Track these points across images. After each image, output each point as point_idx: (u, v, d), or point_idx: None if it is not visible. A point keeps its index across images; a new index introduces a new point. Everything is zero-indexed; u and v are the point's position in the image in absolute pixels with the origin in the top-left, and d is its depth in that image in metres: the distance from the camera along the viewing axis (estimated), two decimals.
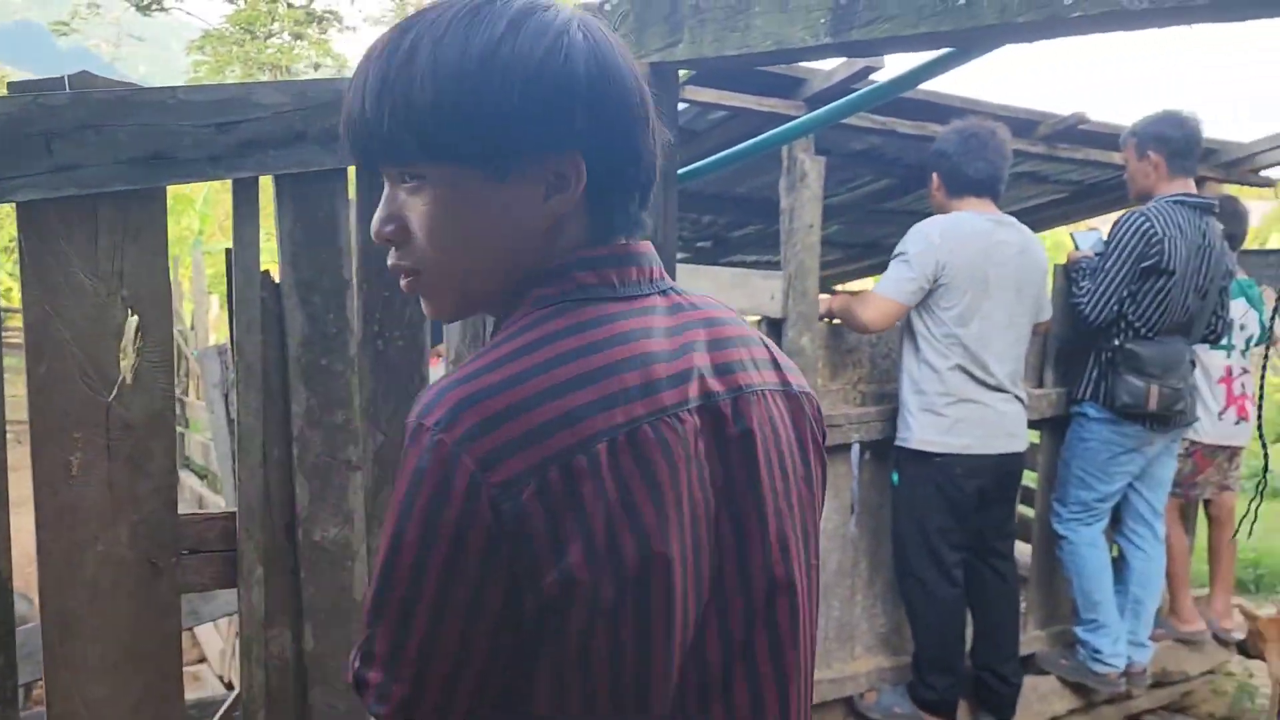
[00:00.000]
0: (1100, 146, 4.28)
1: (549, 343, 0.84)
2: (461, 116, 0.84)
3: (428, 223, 0.88)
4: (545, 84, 0.84)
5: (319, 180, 1.57)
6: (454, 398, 0.80)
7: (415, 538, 0.79)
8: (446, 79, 0.83)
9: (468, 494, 0.77)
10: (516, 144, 0.86)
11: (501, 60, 0.84)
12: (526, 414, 0.79)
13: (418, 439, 0.80)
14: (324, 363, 1.60)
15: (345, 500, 1.64)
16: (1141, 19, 1.26)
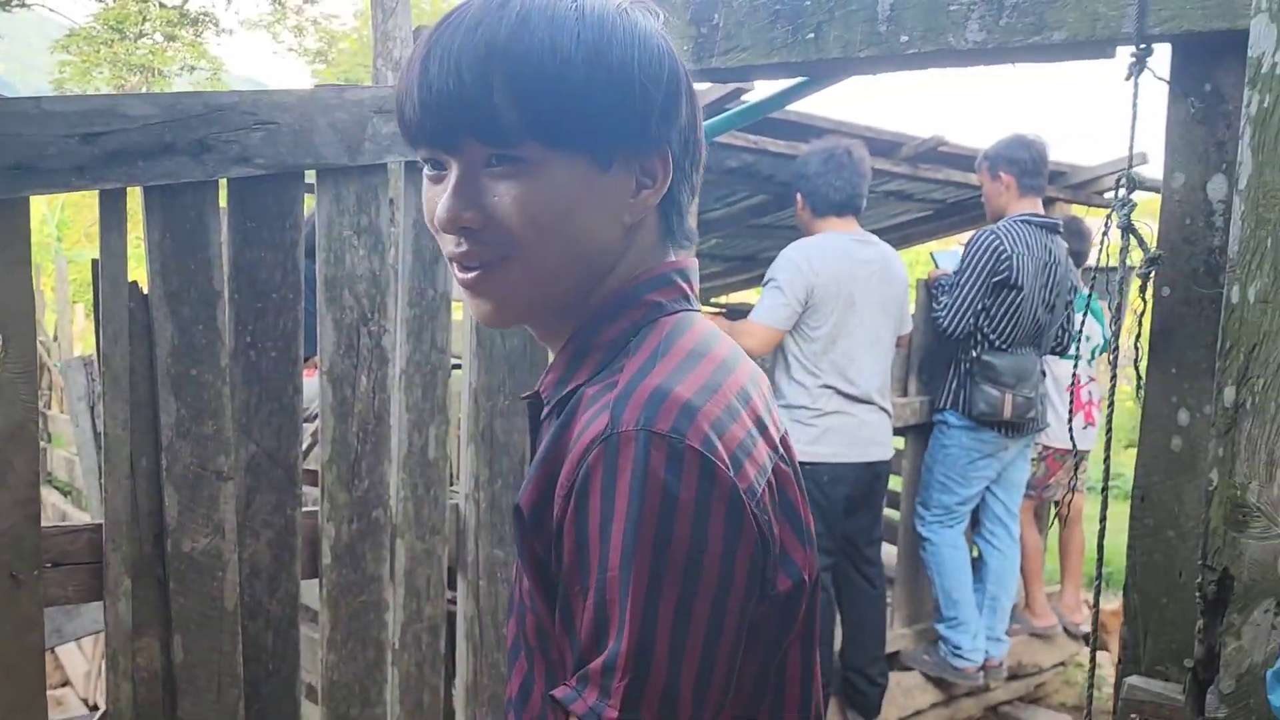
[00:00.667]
0: (959, 167, 4.52)
1: (710, 349, 0.82)
2: (582, 102, 0.80)
3: (528, 207, 0.82)
4: (661, 82, 0.84)
5: (188, 192, 1.58)
6: (674, 402, 0.75)
7: (682, 556, 0.71)
8: (566, 62, 0.79)
9: (731, 500, 0.73)
10: (627, 136, 0.83)
11: (618, 54, 0.81)
12: (738, 418, 0.78)
13: (652, 446, 0.72)
14: (194, 373, 1.61)
15: (216, 510, 1.64)
16: (969, 57, 1.38)
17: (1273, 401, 1.07)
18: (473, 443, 1.97)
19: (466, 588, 2.00)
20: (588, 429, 0.77)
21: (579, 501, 0.75)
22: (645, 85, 0.82)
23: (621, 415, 0.74)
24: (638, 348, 0.83)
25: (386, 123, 1.75)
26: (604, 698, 0.72)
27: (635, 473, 0.72)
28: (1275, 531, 1.08)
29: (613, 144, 0.83)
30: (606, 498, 0.73)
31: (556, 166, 0.82)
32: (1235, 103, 1.16)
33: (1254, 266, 1.08)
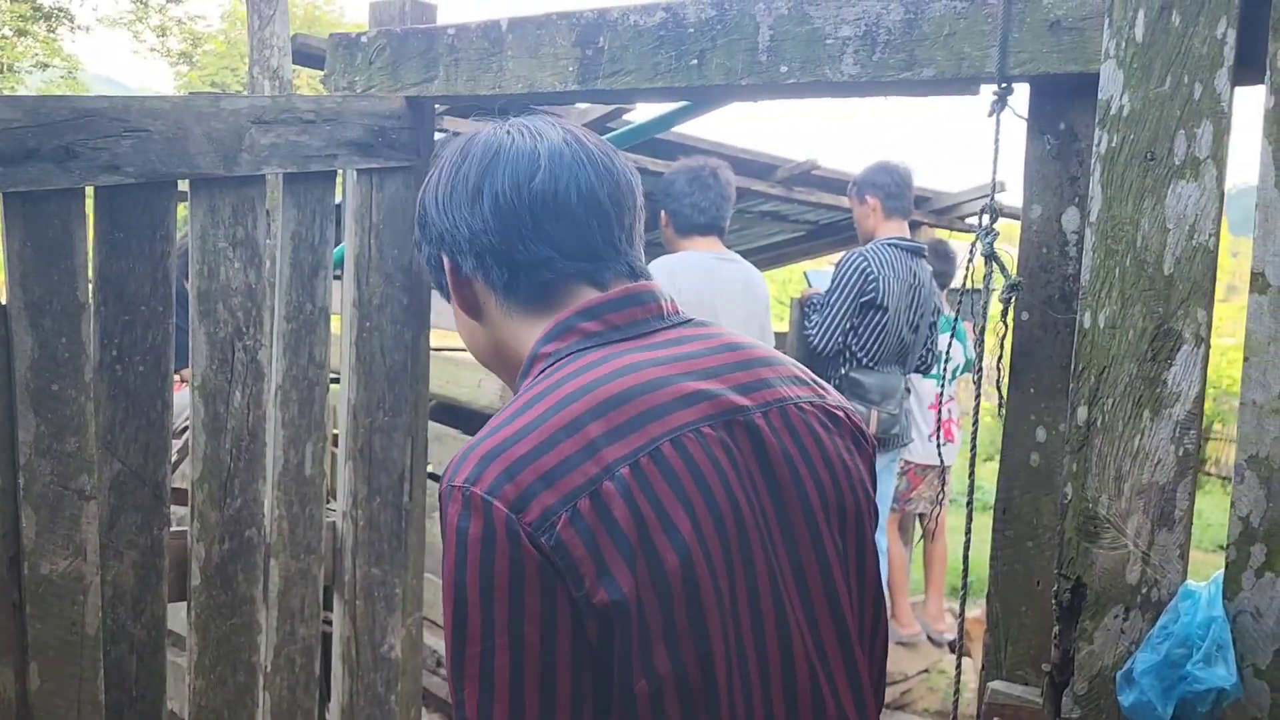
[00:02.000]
0: (831, 191, 4.67)
1: (557, 388, 0.89)
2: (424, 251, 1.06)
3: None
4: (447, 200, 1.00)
5: (53, 200, 1.51)
6: (477, 455, 0.85)
7: (476, 592, 0.81)
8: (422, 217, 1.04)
9: (509, 538, 0.81)
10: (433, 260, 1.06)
11: (434, 193, 1.02)
12: (548, 453, 0.84)
13: (452, 499, 0.84)
14: (55, 388, 1.54)
15: (77, 531, 1.57)
16: (844, 89, 1.44)
17: (1120, 420, 1.15)
18: (351, 459, 1.94)
19: (343, 608, 1.96)
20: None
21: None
22: (427, 215, 1.04)
23: (447, 471, 0.88)
24: (525, 394, 0.92)
25: (265, 133, 1.72)
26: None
27: (445, 523, 0.85)
28: (1123, 542, 1.16)
29: (437, 280, 1.06)
30: (445, 541, 0.85)
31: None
32: (1087, 140, 1.25)
33: (1104, 294, 1.16)
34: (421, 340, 2.00)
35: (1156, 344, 1.13)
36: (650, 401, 0.88)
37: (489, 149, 0.98)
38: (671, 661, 0.82)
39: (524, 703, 0.80)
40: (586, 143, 0.99)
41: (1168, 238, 1.12)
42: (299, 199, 1.81)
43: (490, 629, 0.80)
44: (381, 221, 1.91)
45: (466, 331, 1.06)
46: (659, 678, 0.82)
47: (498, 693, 0.80)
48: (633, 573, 0.81)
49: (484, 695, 0.81)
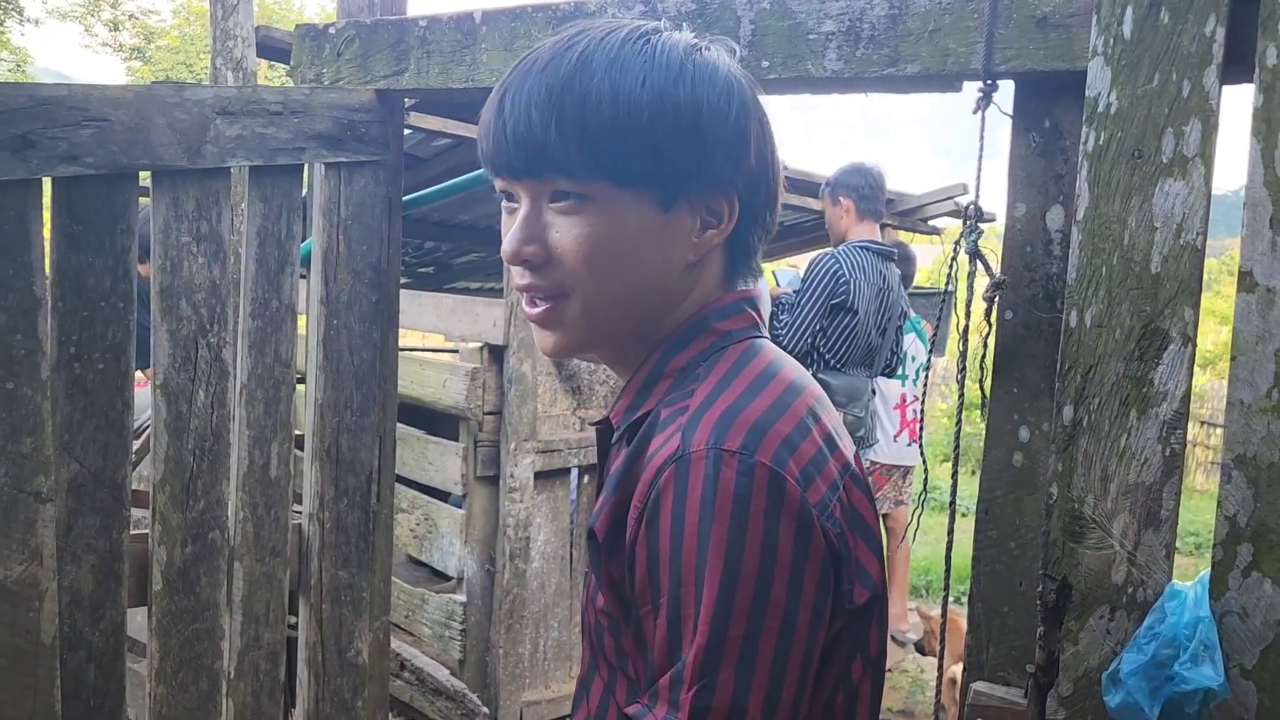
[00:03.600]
0: (798, 192, 4.67)
1: (778, 372, 0.85)
2: (643, 142, 0.82)
3: (586, 244, 0.85)
4: (728, 124, 0.85)
5: (8, 190, 1.46)
6: (743, 422, 0.77)
7: (755, 568, 0.73)
8: (630, 104, 0.82)
9: (801, 515, 0.75)
10: (691, 178, 0.85)
11: (684, 95, 0.83)
12: (809, 435, 0.80)
13: (723, 463, 0.74)
14: (9, 386, 1.48)
15: (32, 534, 1.51)
16: (826, 85, 1.43)
17: (1107, 420, 1.15)
18: (317, 460, 1.89)
19: (309, 612, 1.91)
20: (660, 451, 0.79)
21: (650, 521, 0.77)
22: (711, 127, 0.84)
23: (692, 436, 0.77)
24: (708, 373, 0.85)
25: (230, 124, 1.67)
26: (672, 710, 0.74)
27: (706, 489, 0.74)
28: (1109, 542, 1.15)
29: (676, 184, 0.85)
30: (677, 516, 0.75)
31: (617, 205, 0.84)
32: (1072, 138, 1.24)
33: (1090, 292, 1.16)
34: (390, 339, 1.96)
35: (1143, 343, 1.12)
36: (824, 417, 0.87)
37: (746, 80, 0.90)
38: (878, 644, 0.84)
39: (782, 693, 0.73)
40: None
41: (1155, 236, 1.11)
42: (265, 193, 1.76)
43: (763, 610, 0.73)
44: (350, 217, 1.87)
45: (652, 261, 0.87)
46: (870, 659, 0.83)
47: (757, 679, 0.72)
48: (881, 566, 0.82)
49: (740, 683, 0.72)
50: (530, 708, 3.44)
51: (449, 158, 3.65)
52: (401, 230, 1.98)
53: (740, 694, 0.72)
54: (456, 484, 3.33)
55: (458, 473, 3.31)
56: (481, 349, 3.32)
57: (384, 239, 1.92)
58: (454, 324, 3.50)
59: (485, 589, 3.35)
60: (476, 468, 3.29)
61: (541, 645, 3.55)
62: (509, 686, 3.33)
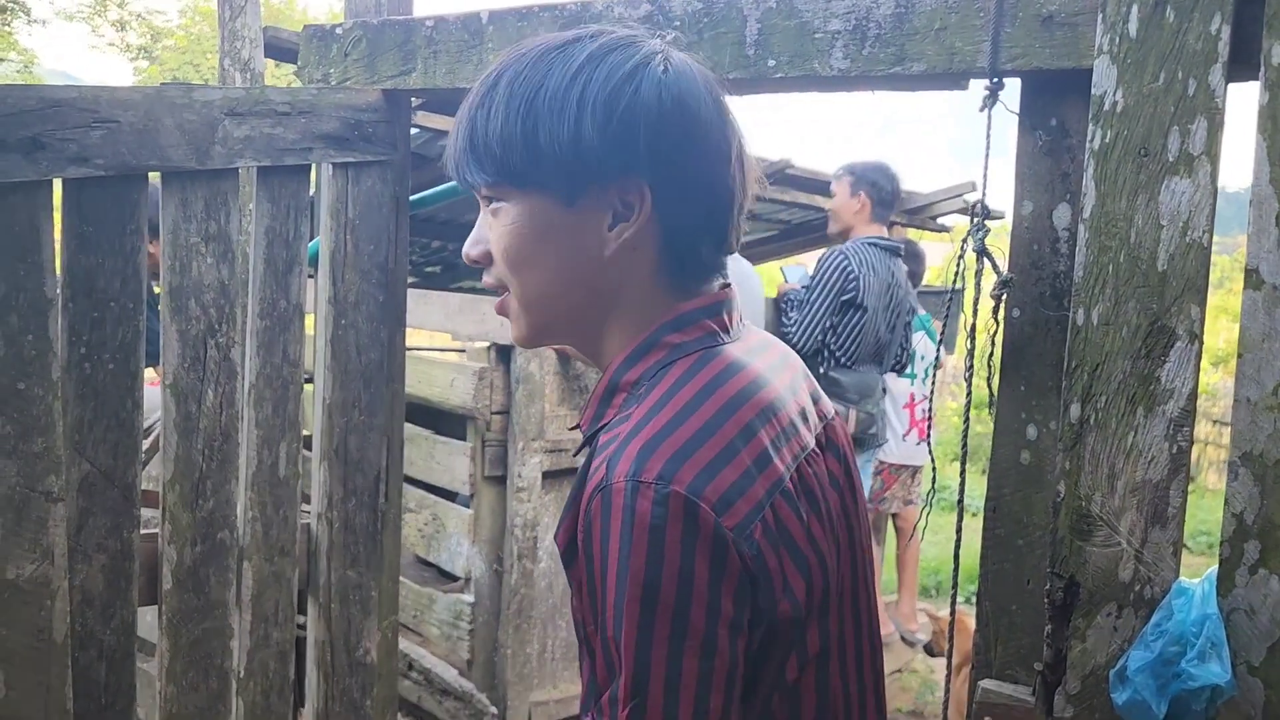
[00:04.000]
0: (805, 190, 4.67)
1: (718, 388, 0.86)
2: (528, 143, 0.87)
3: (502, 243, 0.92)
4: (611, 113, 0.86)
5: (19, 192, 1.47)
6: (662, 451, 0.80)
7: (672, 596, 0.76)
8: (516, 109, 0.87)
9: (715, 542, 0.77)
10: (582, 171, 0.87)
11: (574, 92, 0.86)
12: (735, 457, 0.81)
13: (640, 495, 0.78)
14: (21, 386, 1.49)
15: (44, 534, 1.52)
16: (833, 83, 1.43)
17: (1114, 418, 1.15)
18: (325, 460, 1.90)
19: (318, 611, 1.92)
20: (592, 477, 0.84)
21: (585, 545, 0.82)
22: (603, 124, 0.86)
23: (615, 467, 0.81)
24: (647, 394, 0.88)
25: (238, 125, 1.68)
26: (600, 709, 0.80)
27: (625, 520, 0.78)
28: (1116, 540, 1.15)
29: (573, 180, 0.88)
30: (603, 544, 0.79)
31: (523, 204, 0.90)
32: (1079, 136, 1.24)
33: (1097, 290, 1.16)
34: (398, 338, 1.97)
35: (1150, 341, 1.12)
36: (785, 419, 0.89)
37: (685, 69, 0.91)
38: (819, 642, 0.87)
39: (709, 705, 0.77)
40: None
41: (1161, 234, 1.11)
42: (273, 193, 1.77)
43: (683, 631, 0.77)
44: (358, 217, 1.88)
45: (565, 256, 0.91)
46: (809, 657, 0.86)
47: (684, 696, 0.77)
48: (807, 583, 0.84)
49: (669, 700, 0.77)
50: (538, 708, 3.45)
51: None
52: (409, 230, 1.99)
53: (670, 710, 0.77)
54: (464, 484, 3.33)
55: (465, 472, 3.32)
56: (489, 348, 3.33)
57: (391, 239, 1.92)
58: (461, 323, 3.51)
59: (493, 589, 3.36)
60: (484, 467, 3.30)
61: (550, 645, 3.55)
62: (517, 686, 3.34)
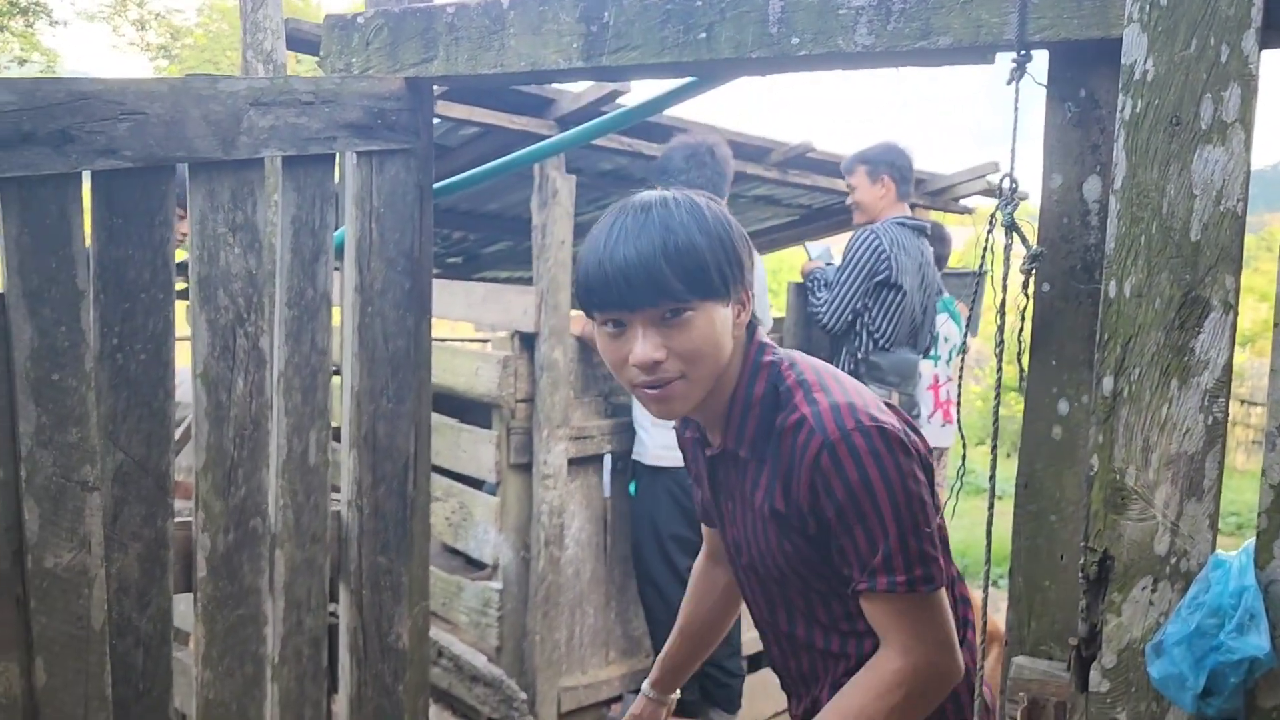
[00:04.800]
0: (825, 174, 4.64)
1: (830, 371, 1.45)
2: (715, 267, 1.32)
3: (693, 344, 1.33)
4: (741, 244, 1.39)
5: (48, 185, 1.48)
6: (848, 407, 1.34)
7: (919, 492, 1.33)
8: (701, 244, 1.32)
9: (911, 448, 1.35)
10: (733, 281, 1.36)
11: (721, 230, 1.36)
12: (883, 407, 1.40)
13: (870, 435, 1.31)
14: (55, 378, 1.50)
15: (81, 523, 1.54)
16: (857, 60, 1.42)
17: (1148, 390, 1.14)
18: (355, 448, 1.91)
19: (349, 597, 1.93)
20: (808, 446, 1.33)
21: (826, 486, 1.32)
22: (735, 248, 1.37)
23: (826, 428, 1.32)
24: (792, 386, 1.40)
25: (263, 115, 1.69)
26: (891, 573, 1.33)
27: (855, 455, 1.31)
28: (1151, 513, 1.14)
29: (729, 289, 1.36)
30: (846, 476, 1.31)
31: (708, 312, 1.34)
32: (1108, 107, 1.23)
33: (1129, 262, 1.14)
34: (424, 325, 1.98)
35: (1184, 312, 1.11)
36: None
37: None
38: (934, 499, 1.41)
39: (936, 542, 1.36)
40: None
41: (1194, 204, 1.10)
42: (299, 182, 1.78)
43: (928, 513, 1.33)
44: (382, 205, 1.88)
45: (726, 343, 1.38)
46: (939, 508, 1.44)
47: (926, 539, 1.33)
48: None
49: (915, 541, 1.32)
50: (567, 693, 3.47)
51: (476, 146, 3.66)
52: (433, 218, 1.99)
53: (921, 550, 1.33)
54: (490, 472, 3.35)
55: (491, 460, 3.33)
56: (513, 337, 3.34)
57: (416, 226, 1.93)
58: (485, 313, 3.52)
59: (521, 576, 3.37)
60: (510, 455, 3.31)
61: (578, 631, 3.56)
62: (546, 672, 3.36)
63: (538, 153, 2.41)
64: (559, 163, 3.31)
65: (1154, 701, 1.14)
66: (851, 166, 3.87)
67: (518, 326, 3.31)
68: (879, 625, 1.38)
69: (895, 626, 1.35)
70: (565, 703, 3.46)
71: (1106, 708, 1.18)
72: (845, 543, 1.34)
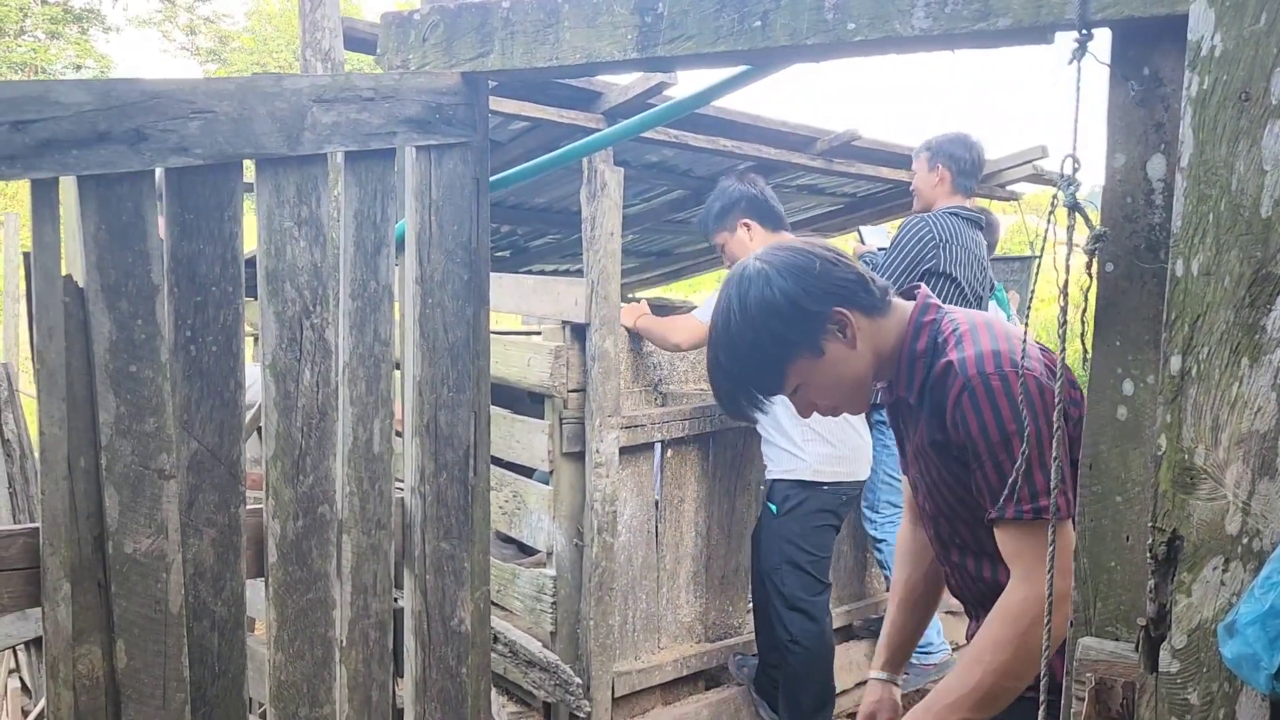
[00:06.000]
0: (872, 162, 4.62)
1: (983, 319, 1.68)
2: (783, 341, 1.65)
3: (819, 392, 1.71)
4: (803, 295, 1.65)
5: (124, 182, 1.53)
6: (1005, 354, 1.56)
7: (1045, 425, 1.50)
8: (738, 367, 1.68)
9: (1041, 386, 1.56)
10: (809, 329, 1.64)
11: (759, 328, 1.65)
12: (1014, 344, 1.59)
13: (1008, 379, 1.54)
14: (133, 369, 1.55)
15: (158, 510, 1.59)
16: (915, 44, 1.42)
17: (1216, 369, 1.13)
18: (417, 436, 1.95)
19: (414, 582, 1.97)
20: (952, 385, 1.58)
21: (964, 422, 1.56)
22: (784, 314, 1.63)
23: (968, 371, 1.57)
24: (948, 338, 1.64)
25: (326, 112, 1.72)
26: (1019, 503, 1.52)
27: (991, 397, 1.54)
28: (1221, 493, 1.14)
29: (809, 340, 1.65)
30: (981, 415, 1.54)
31: (807, 367, 1.67)
32: (1173, 85, 1.22)
33: (1197, 241, 1.14)
34: (482, 316, 2.01)
35: (1254, 289, 1.10)
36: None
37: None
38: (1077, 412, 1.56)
39: (1063, 471, 1.46)
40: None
41: (1265, 180, 1.09)
42: (360, 177, 1.81)
43: (1057, 450, 1.34)
44: (441, 198, 1.92)
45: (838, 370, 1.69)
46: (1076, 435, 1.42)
47: (1071, 487, 1.43)
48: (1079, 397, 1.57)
49: (1061, 490, 1.38)
50: (621, 678, 3.49)
51: (527, 140, 3.70)
52: (489, 210, 2.02)
53: (1044, 480, 1.51)
54: (543, 461, 3.38)
55: (544, 450, 3.37)
56: (564, 327, 3.37)
57: (473, 218, 1.96)
58: (535, 304, 3.55)
59: (574, 563, 3.41)
60: (562, 444, 3.34)
61: (630, 617, 3.59)
62: (600, 657, 3.39)
63: (591, 145, 2.44)
64: (607, 156, 3.33)
65: (1226, 682, 1.14)
66: (917, 152, 3.86)
67: (569, 317, 3.34)
68: (1008, 554, 1.56)
69: (1020, 554, 1.53)
70: (619, 687, 3.49)
71: (1177, 688, 1.17)
72: (979, 475, 1.56)
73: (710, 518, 3.82)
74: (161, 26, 22.78)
